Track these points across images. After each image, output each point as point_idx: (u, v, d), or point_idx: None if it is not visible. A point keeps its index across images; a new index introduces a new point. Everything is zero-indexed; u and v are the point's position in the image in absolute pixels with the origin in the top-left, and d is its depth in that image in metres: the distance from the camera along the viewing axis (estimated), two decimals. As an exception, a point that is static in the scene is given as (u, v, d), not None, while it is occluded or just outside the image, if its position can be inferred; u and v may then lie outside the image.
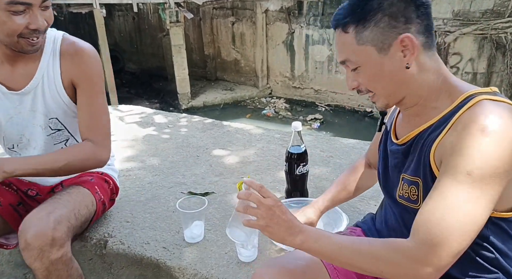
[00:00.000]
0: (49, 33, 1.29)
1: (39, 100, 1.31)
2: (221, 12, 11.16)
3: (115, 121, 2.63)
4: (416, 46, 0.85)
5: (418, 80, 0.88)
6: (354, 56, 0.89)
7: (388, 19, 0.85)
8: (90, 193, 1.35)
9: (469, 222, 0.78)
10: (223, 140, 2.28)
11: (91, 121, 1.30)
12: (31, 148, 1.39)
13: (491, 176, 0.77)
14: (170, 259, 1.40)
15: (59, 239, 1.11)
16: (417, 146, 0.90)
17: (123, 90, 11.52)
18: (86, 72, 1.28)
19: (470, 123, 0.78)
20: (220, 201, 1.71)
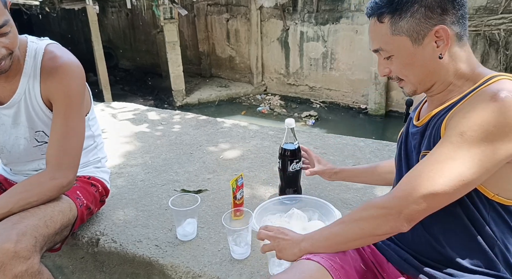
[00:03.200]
0: (31, 47, 1.25)
1: (22, 114, 1.29)
2: (216, 8, 11.10)
3: (108, 118, 2.61)
4: (450, 37, 0.87)
5: (449, 69, 0.90)
6: (388, 46, 0.91)
7: (425, 10, 0.86)
8: (68, 199, 1.31)
9: (444, 175, 0.79)
10: (216, 137, 2.26)
11: (58, 143, 1.25)
12: (15, 158, 1.38)
13: (482, 139, 0.78)
14: (162, 257, 1.39)
15: (23, 251, 1.07)
16: (433, 124, 0.93)
17: (117, 87, 11.45)
18: (61, 91, 1.24)
19: (484, 92, 0.82)
20: (214, 198, 1.70)
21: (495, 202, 0.86)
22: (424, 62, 0.90)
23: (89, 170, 1.50)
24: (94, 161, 1.53)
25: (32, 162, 1.41)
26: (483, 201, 0.87)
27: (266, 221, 1.48)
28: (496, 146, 0.78)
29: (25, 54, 1.24)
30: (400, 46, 0.90)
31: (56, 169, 1.24)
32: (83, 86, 1.30)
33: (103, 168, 1.57)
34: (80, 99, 1.28)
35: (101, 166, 1.56)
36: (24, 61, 1.24)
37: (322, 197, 1.58)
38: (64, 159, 1.25)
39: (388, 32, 0.90)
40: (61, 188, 1.25)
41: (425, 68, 0.91)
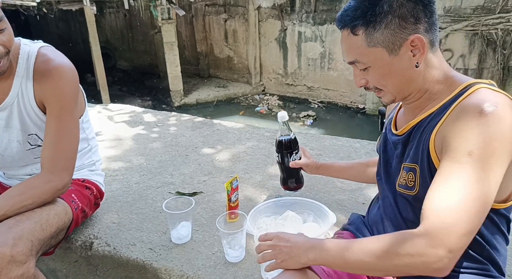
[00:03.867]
0: (24, 49, 1.24)
1: (14, 117, 1.28)
2: (213, 9, 11.10)
3: (104, 120, 2.60)
4: (425, 45, 0.86)
5: (425, 77, 0.90)
6: (364, 58, 0.90)
7: (399, 21, 0.85)
8: (64, 202, 1.30)
9: (474, 201, 0.77)
10: (212, 138, 2.25)
11: (52, 146, 1.24)
12: (8, 162, 1.37)
13: (491, 155, 0.77)
14: (156, 261, 1.38)
15: (19, 256, 1.06)
16: (416, 134, 0.92)
17: (115, 88, 11.43)
18: (55, 93, 1.23)
19: (468, 107, 0.80)
20: (209, 201, 1.70)
21: None
22: (401, 72, 0.90)
23: (84, 172, 1.49)
24: (88, 164, 1.52)
25: (26, 167, 1.40)
26: None
27: (261, 224, 1.47)
28: (502, 158, 0.78)
29: (18, 56, 1.23)
30: (376, 58, 0.89)
31: (50, 171, 1.23)
32: (76, 88, 1.29)
33: (98, 170, 1.56)
34: (74, 101, 1.27)
35: (95, 168, 1.55)
36: (17, 63, 1.23)
37: (317, 199, 1.58)
38: (58, 162, 1.24)
39: (364, 44, 0.89)
40: (56, 191, 1.24)
41: (402, 77, 0.90)
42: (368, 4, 0.87)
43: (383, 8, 0.85)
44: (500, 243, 0.92)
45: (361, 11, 0.87)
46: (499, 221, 0.89)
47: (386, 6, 0.85)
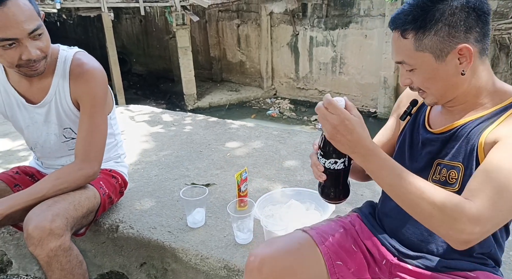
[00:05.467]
0: (61, 53, 1.43)
1: (52, 113, 1.47)
2: (227, 14, 11.35)
3: (126, 120, 2.81)
4: (473, 55, 0.87)
5: (470, 84, 0.92)
6: (411, 60, 0.91)
7: (449, 29, 0.86)
8: (93, 187, 1.49)
9: None
10: (224, 136, 2.44)
11: (85, 138, 1.42)
12: (46, 153, 1.57)
13: None
14: (174, 242, 1.56)
15: (57, 230, 1.24)
16: (461, 135, 0.93)
17: (130, 92, 11.75)
18: (88, 93, 1.42)
19: None
20: (221, 191, 1.87)
21: None
22: (446, 77, 0.91)
23: (110, 164, 1.68)
24: (114, 156, 1.71)
25: (61, 158, 1.59)
26: None
27: (267, 211, 1.64)
28: None
29: (56, 60, 1.43)
30: (423, 62, 0.90)
31: (83, 160, 1.42)
32: (105, 89, 1.49)
33: (122, 162, 1.75)
34: (103, 100, 1.46)
35: (120, 161, 1.74)
36: (56, 66, 1.43)
37: (319, 190, 1.73)
38: (90, 152, 1.43)
39: (412, 48, 0.90)
40: (87, 177, 1.43)
41: (447, 83, 0.92)
42: (420, 11, 0.87)
43: (434, 15, 0.86)
44: (503, 238, 0.99)
45: (413, 16, 0.88)
46: None
47: (437, 14, 0.86)
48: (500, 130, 0.87)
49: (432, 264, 1.01)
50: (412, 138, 1.07)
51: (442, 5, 0.86)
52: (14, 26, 1.20)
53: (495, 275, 0.98)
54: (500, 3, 8.21)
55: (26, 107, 1.47)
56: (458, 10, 0.86)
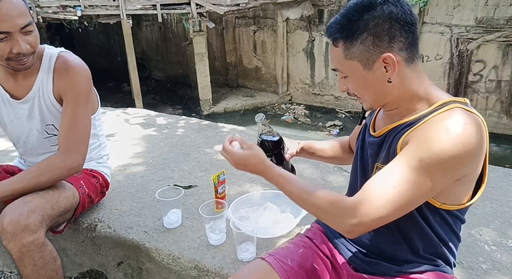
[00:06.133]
0: (47, 51, 1.49)
1: (35, 109, 1.52)
2: (243, 21, 11.45)
3: (121, 123, 2.86)
4: (397, 63, 0.92)
5: (400, 90, 0.96)
6: (343, 68, 0.97)
7: (373, 38, 0.91)
8: (72, 186, 1.52)
9: (403, 198, 0.88)
10: (214, 139, 2.45)
11: (67, 130, 1.46)
12: (28, 149, 1.61)
13: (437, 169, 0.87)
14: (149, 242, 1.57)
15: (31, 226, 1.26)
16: (389, 138, 0.99)
17: (148, 97, 11.98)
18: (70, 87, 1.46)
19: (439, 122, 0.88)
20: (201, 193, 1.87)
21: (441, 209, 0.97)
22: (375, 85, 0.96)
23: (92, 164, 1.71)
24: (96, 157, 1.74)
25: (43, 155, 1.63)
26: (431, 209, 0.97)
27: (242, 213, 1.63)
28: (448, 173, 0.87)
29: (42, 57, 1.48)
30: (353, 69, 0.95)
31: (65, 152, 1.44)
32: (89, 85, 1.52)
33: (105, 163, 1.78)
34: (86, 95, 1.50)
35: (103, 162, 1.77)
36: (41, 63, 1.48)
37: (299, 194, 1.71)
38: (72, 144, 1.45)
39: (342, 56, 0.95)
40: (70, 169, 1.45)
41: (377, 90, 0.96)
42: (347, 21, 0.93)
43: (359, 26, 0.91)
44: (452, 240, 1.03)
45: (341, 26, 0.94)
46: (452, 221, 1.00)
47: (363, 24, 0.91)
48: (411, 135, 0.92)
49: (387, 270, 1.04)
50: (363, 141, 1.12)
51: (367, 15, 0.91)
52: (7, 20, 1.26)
53: (445, 273, 1.01)
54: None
55: (11, 102, 1.52)
56: (381, 20, 0.90)
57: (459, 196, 0.96)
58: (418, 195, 0.89)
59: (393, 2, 0.91)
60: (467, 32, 8.73)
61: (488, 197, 1.75)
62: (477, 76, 8.97)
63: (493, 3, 8.31)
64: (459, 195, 0.96)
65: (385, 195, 0.89)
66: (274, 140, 1.24)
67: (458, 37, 8.82)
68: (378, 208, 0.89)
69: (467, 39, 8.75)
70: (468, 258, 1.39)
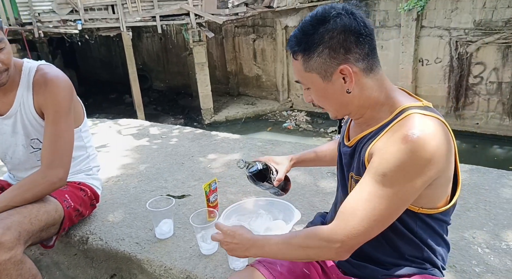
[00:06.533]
0: (26, 65, 1.49)
1: (19, 124, 1.52)
2: (243, 30, 11.52)
3: (113, 134, 2.86)
4: (355, 74, 0.93)
5: (361, 99, 0.97)
6: (304, 80, 1.00)
7: (329, 51, 0.92)
8: (55, 200, 1.50)
9: (376, 213, 0.91)
10: (208, 148, 2.44)
11: (49, 145, 1.45)
12: (16, 164, 1.61)
13: (401, 178, 0.89)
14: (140, 253, 1.56)
15: (7, 243, 1.24)
16: (358, 149, 1.01)
17: (150, 108, 12.03)
18: (50, 100, 1.45)
19: (396, 132, 0.90)
20: (194, 203, 1.87)
21: (421, 213, 0.97)
22: (335, 95, 0.97)
23: (80, 176, 1.71)
24: (85, 169, 1.74)
25: (31, 169, 1.63)
26: (410, 215, 0.97)
27: (234, 221, 1.62)
28: (414, 181, 0.88)
29: (21, 72, 1.48)
30: (313, 82, 0.97)
31: (47, 168, 1.44)
32: (70, 96, 1.50)
33: (94, 175, 1.77)
34: (68, 107, 1.49)
35: (92, 173, 1.76)
36: (20, 78, 1.48)
37: (292, 201, 1.71)
38: (54, 159, 1.45)
39: (302, 69, 0.97)
40: (51, 184, 1.44)
41: (338, 100, 0.98)
42: (303, 35, 0.94)
43: (315, 39, 0.92)
44: (439, 243, 1.03)
45: (298, 40, 0.95)
46: (435, 225, 1.00)
47: (318, 38, 0.92)
48: (374, 148, 0.93)
49: (374, 273, 1.05)
50: (340, 149, 1.14)
51: (322, 29, 0.92)
52: None
53: (433, 277, 1.01)
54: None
55: None
56: (336, 33, 0.91)
57: (435, 200, 0.97)
58: (393, 207, 0.91)
59: (347, 15, 0.92)
60: (466, 34, 8.71)
61: (481, 199, 1.73)
62: (477, 78, 8.93)
63: (491, 5, 8.31)
64: (435, 198, 0.97)
65: (359, 212, 0.92)
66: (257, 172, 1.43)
67: (457, 40, 8.81)
68: (354, 227, 0.92)
69: (466, 42, 8.73)
70: (461, 262, 1.37)
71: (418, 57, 9.32)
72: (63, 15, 9.12)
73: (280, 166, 1.47)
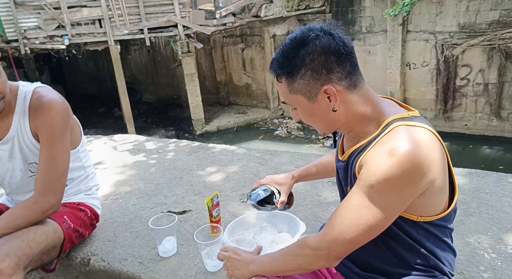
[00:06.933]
0: (21, 90, 1.46)
1: (16, 149, 1.49)
2: (231, 40, 11.56)
3: (109, 150, 2.83)
4: (339, 93, 0.95)
5: (348, 115, 0.99)
6: (290, 101, 1.01)
7: (311, 73, 0.94)
8: (54, 222, 1.48)
9: (363, 223, 0.93)
10: (207, 161, 2.43)
11: (43, 171, 1.42)
12: (14, 188, 1.58)
13: (389, 190, 0.90)
14: (144, 273, 1.53)
15: (6, 270, 1.22)
16: (350, 163, 1.03)
17: (140, 120, 11.95)
18: (45, 124, 1.43)
19: (383, 145, 0.91)
20: (196, 218, 1.84)
21: (421, 222, 0.98)
22: (322, 114, 0.99)
23: (80, 197, 1.68)
24: (85, 189, 1.71)
25: (30, 193, 1.59)
26: (411, 224, 0.98)
27: (239, 236, 1.60)
28: (401, 192, 0.90)
29: (17, 97, 1.46)
30: (299, 102, 0.99)
31: (39, 194, 1.42)
32: (65, 119, 1.48)
33: (94, 195, 1.74)
34: (63, 131, 1.46)
35: (91, 193, 1.73)
36: (16, 103, 1.46)
37: (295, 212, 1.70)
38: (46, 185, 1.42)
39: (287, 91, 0.98)
40: (43, 211, 1.41)
41: (325, 119, 1.00)
42: (284, 59, 0.96)
43: (296, 62, 0.94)
44: (444, 250, 1.03)
45: (279, 64, 0.97)
46: (437, 232, 1.00)
47: (299, 61, 0.94)
48: (364, 159, 0.95)
49: None
50: (336, 165, 1.15)
51: (302, 51, 0.94)
52: None
53: None
54: (502, 12, 8.15)
55: None
56: (316, 55, 0.93)
57: (433, 207, 0.98)
58: (380, 217, 0.92)
59: (325, 36, 0.93)
60: (451, 38, 8.86)
61: (483, 203, 1.74)
62: (464, 80, 9.07)
63: (474, 8, 8.47)
64: (433, 206, 0.97)
65: (346, 221, 0.94)
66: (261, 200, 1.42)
67: (443, 43, 8.95)
68: (341, 235, 0.94)
69: (451, 45, 8.88)
70: (469, 268, 1.37)
71: (406, 61, 9.44)
72: (50, 31, 9.04)
73: (282, 186, 1.47)
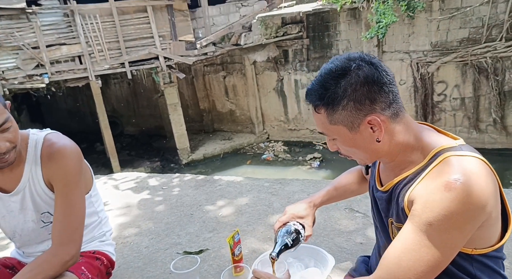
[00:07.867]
0: (32, 138, 1.40)
1: (27, 200, 1.42)
2: (212, 68, 11.65)
3: (111, 190, 2.74)
4: (383, 123, 0.91)
5: (391, 145, 0.95)
6: (329, 132, 0.97)
7: (354, 104, 0.90)
8: (73, 275, 1.38)
9: (423, 264, 0.87)
10: (215, 195, 2.37)
11: (60, 221, 1.36)
12: (26, 240, 1.50)
13: (450, 227, 0.85)
14: (169, 321, 1.45)
15: None
16: (395, 195, 0.97)
17: (123, 154, 11.72)
18: (59, 173, 1.37)
19: (436, 179, 0.87)
20: (215, 257, 1.78)
21: (475, 255, 0.94)
22: (364, 145, 0.95)
23: (95, 244, 1.59)
24: (99, 235, 1.63)
25: (42, 243, 1.51)
26: (465, 258, 0.94)
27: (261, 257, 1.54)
28: (463, 228, 0.86)
29: (27, 145, 1.39)
30: (339, 133, 0.95)
31: (58, 245, 1.34)
32: (79, 166, 1.42)
33: (108, 240, 1.66)
34: (78, 177, 1.40)
35: (105, 239, 1.65)
36: (27, 152, 1.39)
37: (317, 243, 1.66)
38: (64, 236, 1.35)
39: (326, 121, 0.95)
40: (64, 263, 1.34)
41: (367, 149, 0.96)
42: (324, 90, 0.92)
43: (337, 93, 0.90)
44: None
45: (319, 95, 0.93)
46: (492, 263, 0.97)
47: (340, 91, 0.90)
48: (415, 192, 0.90)
49: None
50: (373, 193, 1.10)
51: (343, 82, 0.90)
52: None
53: None
54: (471, 30, 8.54)
55: (0, 197, 1.41)
56: (359, 85, 0.90)
57: (488, 239, 0.94)
58: (441, 256, 0.87)
59: (367, 65, 0.91)
60: (425, 56, 9.19)
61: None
62: (441, 96, 9.36)
63: (444, 27, 8.86)
64: (488, 237, 0.94)
65: (404, 263, 0.88)
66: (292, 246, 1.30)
67: (418, 62, 9.27)
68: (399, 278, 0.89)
69: (426, 63, 9.20)
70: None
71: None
72: (29, 71, 8.91)
73: (305, 219, 1.39)
